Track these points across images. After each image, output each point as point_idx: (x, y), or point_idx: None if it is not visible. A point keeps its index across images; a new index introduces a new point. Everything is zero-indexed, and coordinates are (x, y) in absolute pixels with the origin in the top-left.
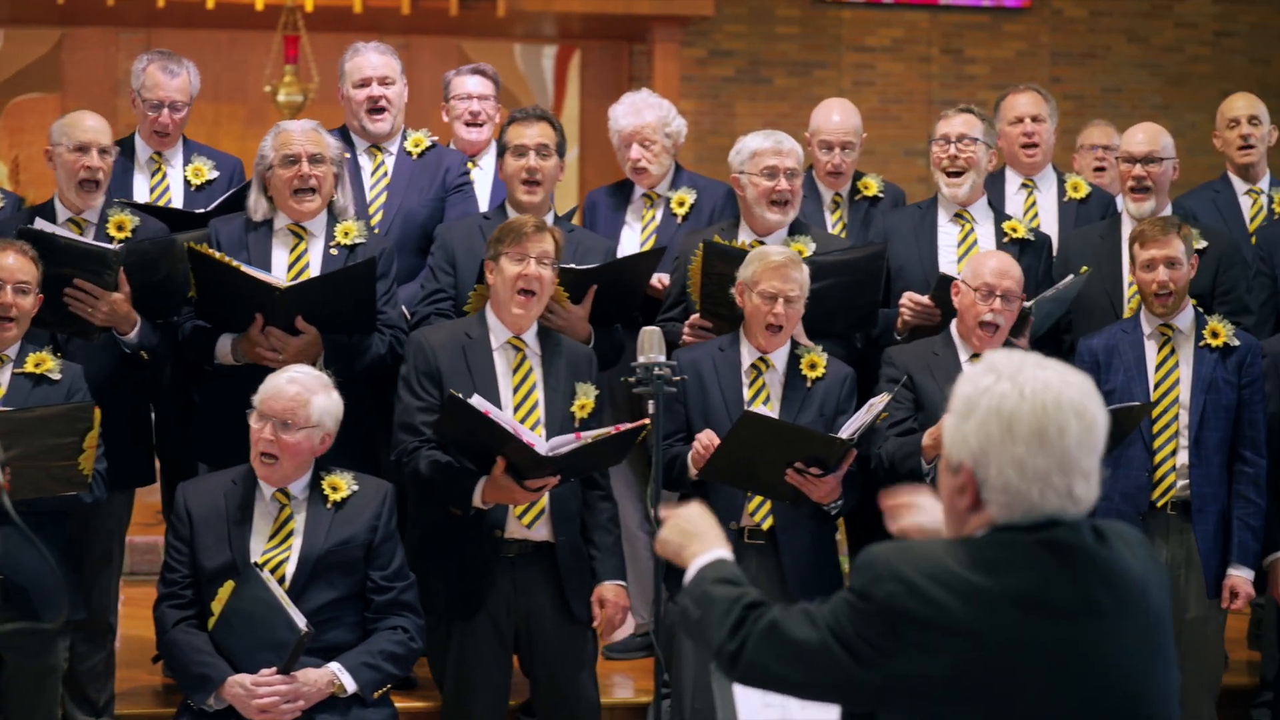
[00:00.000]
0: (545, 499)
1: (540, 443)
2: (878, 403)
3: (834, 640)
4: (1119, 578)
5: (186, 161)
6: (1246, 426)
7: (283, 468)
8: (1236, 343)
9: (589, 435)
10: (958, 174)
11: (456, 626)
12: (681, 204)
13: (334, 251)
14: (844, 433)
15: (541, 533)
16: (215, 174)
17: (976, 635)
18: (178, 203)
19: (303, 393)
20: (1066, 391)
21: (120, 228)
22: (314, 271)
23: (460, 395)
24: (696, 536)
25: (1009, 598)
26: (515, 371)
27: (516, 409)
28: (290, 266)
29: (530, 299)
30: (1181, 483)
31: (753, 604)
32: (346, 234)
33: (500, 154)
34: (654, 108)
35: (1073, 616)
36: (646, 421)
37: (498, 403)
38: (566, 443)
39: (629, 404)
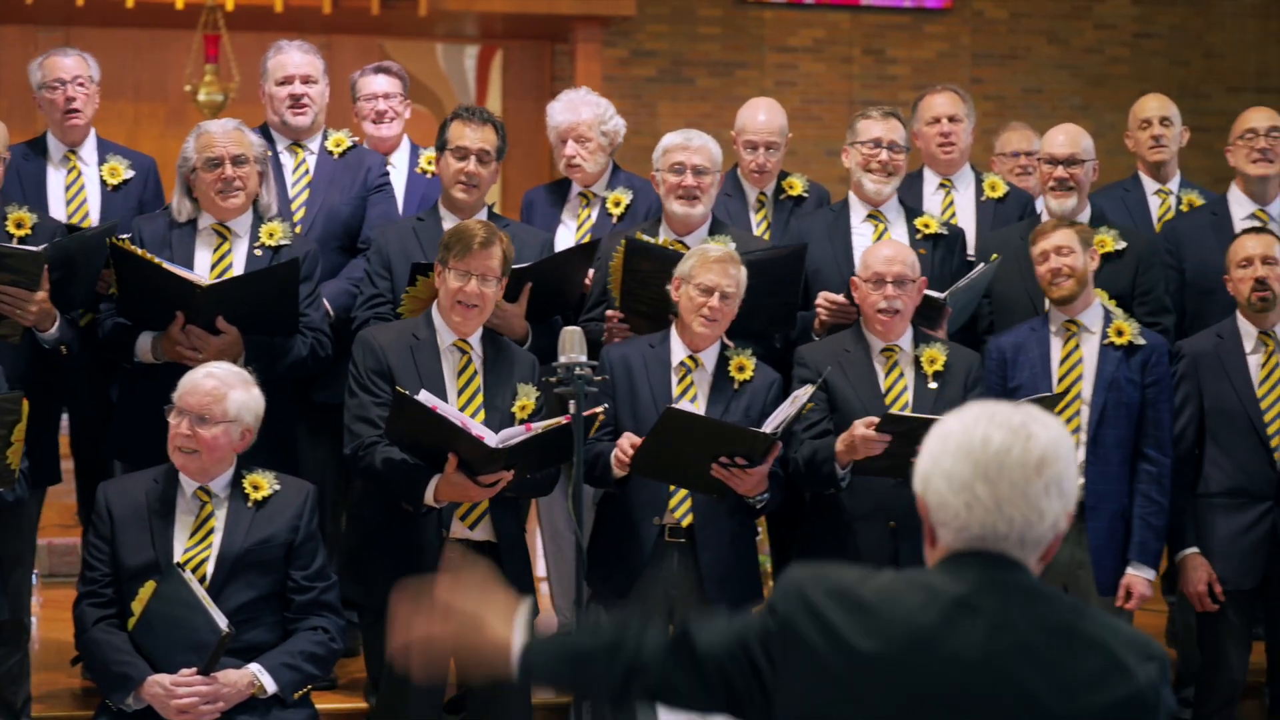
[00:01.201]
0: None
1: (490, 435)
2: (801, 394)
3: (739, 651)
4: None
5: (101, 160)
6: (1151, 426)
7: (201, 463)
8: (1142, 342)
9: (539, 426)
10: (886, 177)
11: None
12: (617, 203)
13: (258, 253)
14: (768, 426)
15: (483, 532)
16: (131, 173)
17: (859, 660)
18: (94, 202)
19: (220, 387)
20: (1003, 411)
21: (19, 225)
22: (237, 272)
23: (407, 391)
24: (484, 617)
25: (901, 636)
26: (461, 373)
27: (461, 409)
28: (214, 266)
29: (471, 311)
30: (1079, 480)
31: (617, 643)
32: (271, 235)
33: (440, 149)
34: (591, 105)
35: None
36: (599, 410)
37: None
38: (517, 435)
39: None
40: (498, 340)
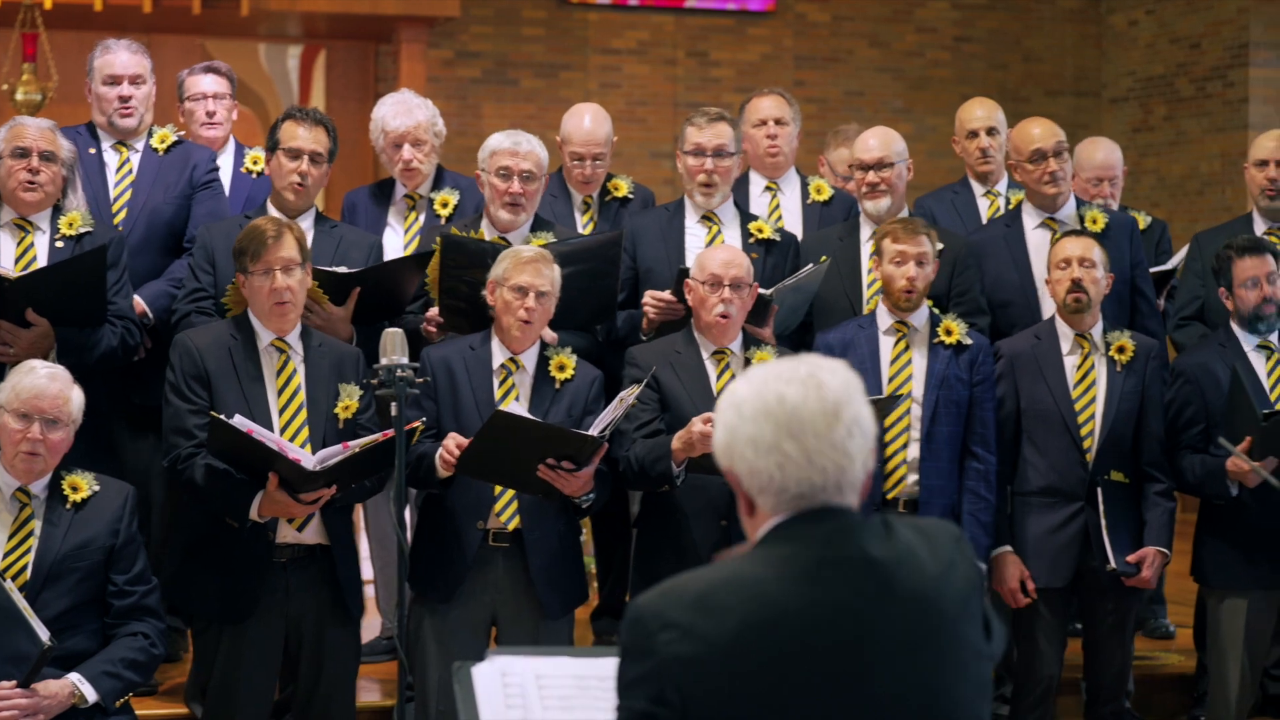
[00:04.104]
0: None
1: (307, 458)
2: (627, 395)
3: None
4: (896, 588)
5: None
6: (977, 424)
7: (44, 466)
8: (969, 341)
9: (356, 445)
10: (712, 188)
11: (227, 632)
12: (445, 205)
13: (59, 244)
14: (595, 429)
15: (312, 535)
16: None
17: (750, 658)
18: None
19: (64, 388)
20: (787, 366)
21: None
22: (41, 264)
23: (222, 417)
24: None
25: (775, 614)
26: (280, 373)
27: (282, 410)
28: (18, 260)
29: (286, 307)
30: (913, 477)
31: None
32: (71, 224)
33: (271, 149)
34: (423, 108)
35: (840, 636)
36: (417, 424)
37: (265, 403)
38: (335, 454)
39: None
40: (318, 337)
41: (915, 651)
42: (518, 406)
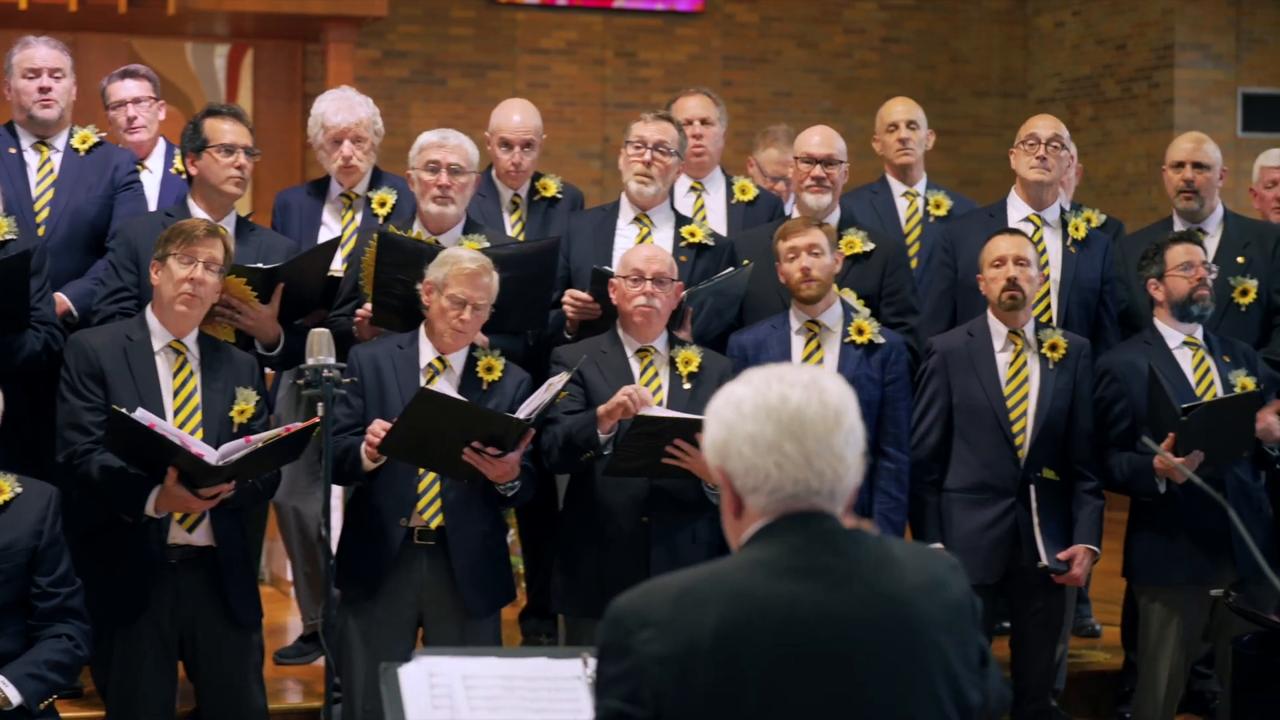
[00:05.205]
0: None
1: (210, 452)
2: (556, 382)
3: None
4: (876, 592)
5: None
6: (889, 424)
7: None
8: (881, 340)
9: (259, 439)
10: (649, 178)
11: (120, 633)
12: (383, 204)
13: None
14: (522, 412)
15: (202, 537)
16: None
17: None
18: None
19: None
20: (789, 371)
21: None
22: None
23: (124, 410)
24: None
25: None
26: (176, 375)
27: (177, 412)
28: None
29: (194, 300)
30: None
31: None
32: None
33: (198, 149)
34: (364, 105)
35: (822, 634)
36: (316, 420)
37: (159, 405)
38: (238, 449)
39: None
40: (214, 342)
41: (891, 656)
42: (444, 385)
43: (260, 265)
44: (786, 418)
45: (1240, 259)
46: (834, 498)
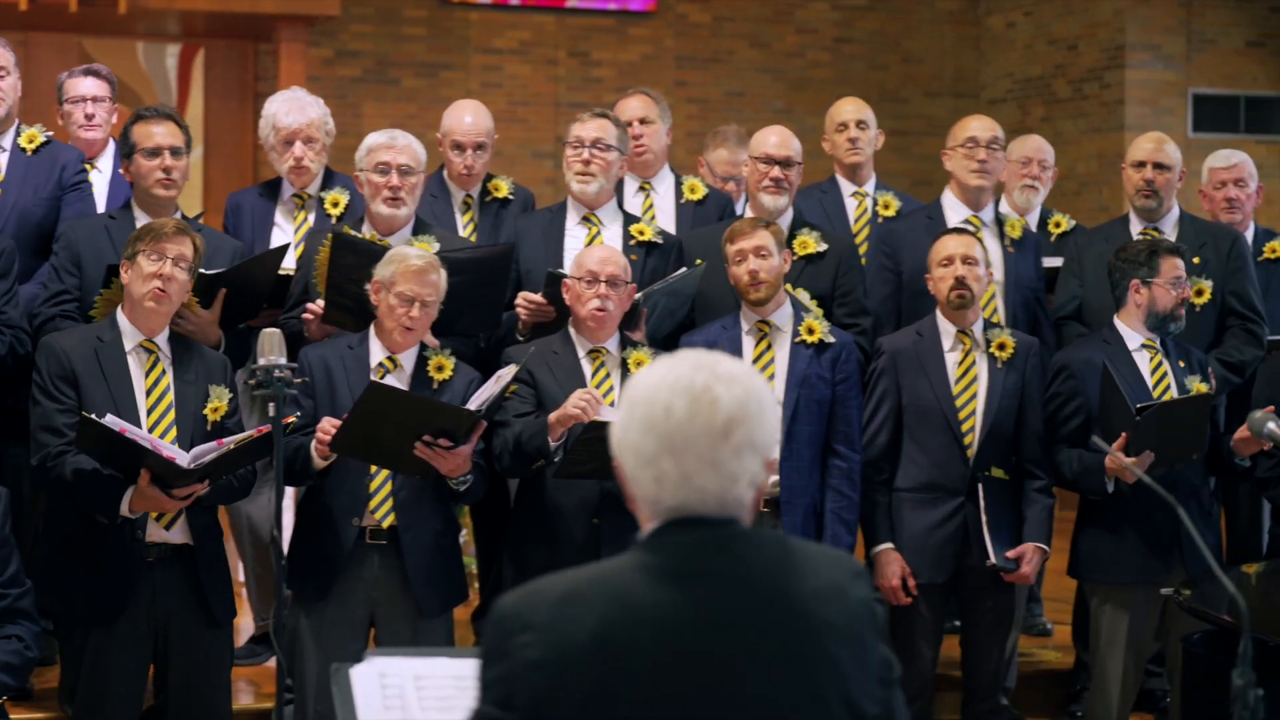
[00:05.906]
0: None
1: (181, 455)
2: (505, 374)
3: None
4: (763, 599)
5: None
6: (840, 423)
7: None
8: (832, 340)
9: (230, 441)
10: (589, 176)
11: (94, 633)
12: (336, 204)
13: None
14: (473, 404)
15: (179, 535)
16: None
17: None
18: None
19: None
20: (686, 373)
21: None
22: None
23: (94, 416)
24: None
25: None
26: (148, 374)
27: (150, 411)
28: None
29: (163, 297)
30: (773, 478)
31: None
32: None
33: (128, 154)
34: (315, 105)
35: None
36: (292, 419)
37: (133, 405)
38: (209, 451)
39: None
40: (186, 341)
41: (777, 660)
42: (393, 380)
43: (203, 271)
44: (669, 432)
45: (1196, 259)
46: (724, 506)
